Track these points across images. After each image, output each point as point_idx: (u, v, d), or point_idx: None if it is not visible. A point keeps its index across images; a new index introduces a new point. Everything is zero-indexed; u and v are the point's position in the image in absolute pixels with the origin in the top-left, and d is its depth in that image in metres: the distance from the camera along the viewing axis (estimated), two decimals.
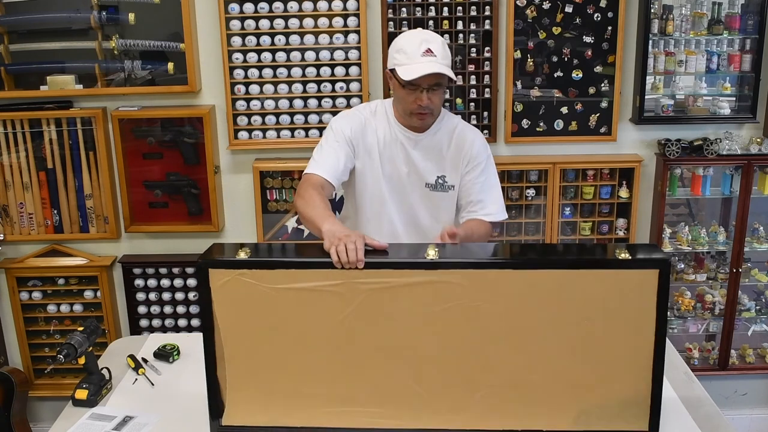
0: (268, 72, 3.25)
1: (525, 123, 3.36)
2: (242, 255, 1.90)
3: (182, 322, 3.55)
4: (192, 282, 3.51)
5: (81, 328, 2.19)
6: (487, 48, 3.25)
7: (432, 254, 1.86)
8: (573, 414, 1.94)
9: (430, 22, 3.21)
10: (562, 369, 1.92)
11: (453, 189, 2.44)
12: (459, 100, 3.32)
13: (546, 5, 3.21)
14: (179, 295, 3.53)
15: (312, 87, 3.28)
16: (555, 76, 3.30)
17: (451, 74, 2.25)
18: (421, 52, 2.24)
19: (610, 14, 3.21)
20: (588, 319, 1.88)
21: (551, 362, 1.92)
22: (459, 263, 1.88)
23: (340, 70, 3.25)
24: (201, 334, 1.99)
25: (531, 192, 3.39)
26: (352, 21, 3.21)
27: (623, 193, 3.38)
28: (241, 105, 3.30)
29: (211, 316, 1.97)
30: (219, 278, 1.93)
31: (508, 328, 1.91)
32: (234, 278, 1.92)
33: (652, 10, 3.18)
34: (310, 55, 3.24)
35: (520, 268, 1.87)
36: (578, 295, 1.87)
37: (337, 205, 3.12)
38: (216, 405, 1.98)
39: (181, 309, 3.54)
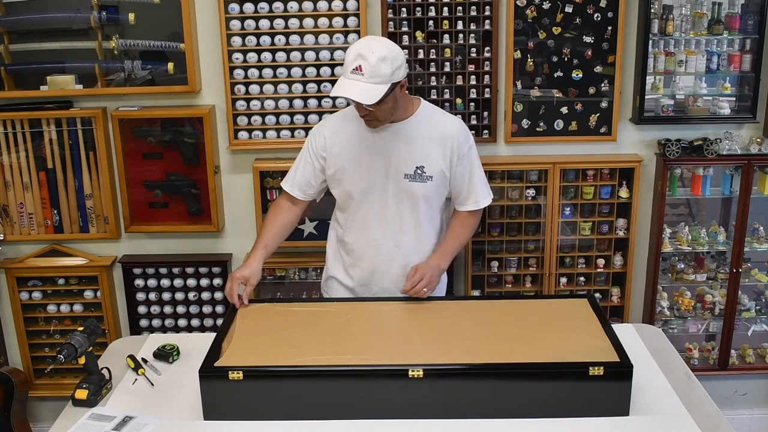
0: (268, 72, 3.25)
1: (525, 123, 3.36)
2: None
3: (182, 322, 3.55)
4: (192, 282, 3.51)
5: (81, 328, 2.20)
6: (487, 48, 3.25)
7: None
8: (546, 356, 2.11)
9: (430, 22, 3.21)
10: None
11: (431, 179, 2.52)
12: (459, 100, 3.32)
13: (546, 5, 3.21)
14: (179, 295, 3.53)
15: (312, 87, 3.28)
16: (555, 76, 3.30)
17: (372, 96, 2.27)
18: (351, 69, 2.30)
19: (610, 14, 3.21)
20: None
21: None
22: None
23: (340, 70, 3.25)
24: (201, 335, 2.08)
25: (531, 192, 3.39)
26: (352, 21, 3.21)
27: (623, 193, 3.38)
28: (241, 105, 3.30)
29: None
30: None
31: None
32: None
33: (652, 10, 3.18)
34: (310, 55, 3.24)
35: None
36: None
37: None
38: (213, 356, 2.13)
39: (181, 309, 3.54)
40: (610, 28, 3.23)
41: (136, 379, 2.29)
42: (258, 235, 2.66)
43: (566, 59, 3.28)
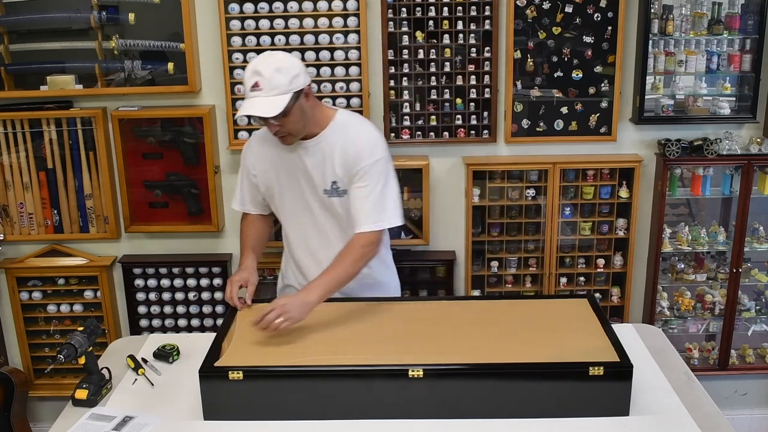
0: None
1: (525, 123, 3.36)
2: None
3: (182, 322, 3.55)
4: (192, 282, 3.51)
5: (81, 328, 2.20)
6: (487, 48, 3.25)
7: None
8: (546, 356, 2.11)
9: (430, 22, 3.21)
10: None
11: (346, 194, 2.44)
12: (459, 100, 3.32)
13: (546, 5, 3.21)
14: (179, 295, 3.53)
15: (312, 87, 3.27)
16: (555, 76, 3.30)
17: (274, 108, 2.22)
18: (250, 87, 2.26)
19: (610, 14, 3.21)
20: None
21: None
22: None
23: (340, 70, 3.25)
24: (201, 335, 2.07)
25: (531, 192, 3.39)
26: (352, 21, 3.21)
27: (623, 193, 3.38)
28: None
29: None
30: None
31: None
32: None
33: (652, 10, 3.18)
34: (310, 55, 3.24)
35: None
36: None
37: None
38: (212, 356, 2.14)
39: (181, 309, 3.54)
40: (610, 28, 3.23)
41: (136, 379, 2.29)
42: (241, 243, 2.68)
43: (566, 59, 3.28)
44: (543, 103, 3.33)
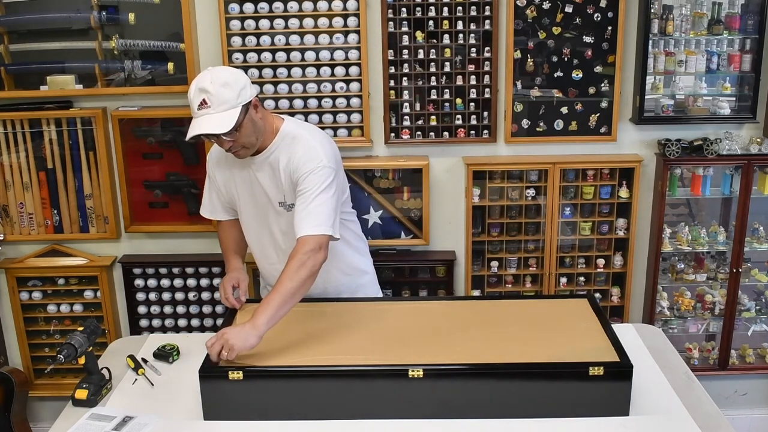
0: (268, 72, 3.25)
1: (525, 123, 3.36)
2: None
3: (182, 322, 3.55)
4: (192, 282, 3.51)
5: (81, 328, 2.21)
6: (487, 48, 3.25)
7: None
8: (546, 356, 2.12)
9: (430, 22, 3.21)
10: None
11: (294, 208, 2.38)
12: (459, 100, 3.32)
13: (546, 5, 3.21)
14: (179, 295, 3.53)
15: (312, 87, 3.28)
16: (555, 76, 3.30)
17: (226, 124, 2.17)
18: (197, 106, 2.20)
19: (610, 14, 3.21)
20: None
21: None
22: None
23: (340, 70, 3.25)
24: (201, 335, 2.07)
25: (531, 192, 3.39)
26: (352, 21, 3.21)
27: (623, 193, 3.38)
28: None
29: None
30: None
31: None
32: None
33: (652, 10, 3.18)
34: (310, 55, 3.24)
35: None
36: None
37: None
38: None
39: (181, 309, 3.54)
40: (610, 28, 3.23)
41: (136, 379, 2.30)
42: (222, 250, 2.69)
43: (566, 59, 3.28)
44: (543, 103, 3.33)
